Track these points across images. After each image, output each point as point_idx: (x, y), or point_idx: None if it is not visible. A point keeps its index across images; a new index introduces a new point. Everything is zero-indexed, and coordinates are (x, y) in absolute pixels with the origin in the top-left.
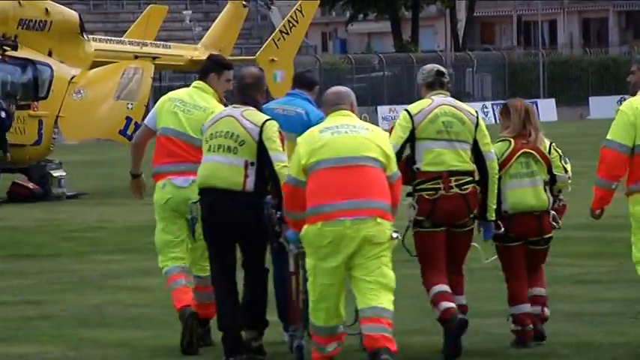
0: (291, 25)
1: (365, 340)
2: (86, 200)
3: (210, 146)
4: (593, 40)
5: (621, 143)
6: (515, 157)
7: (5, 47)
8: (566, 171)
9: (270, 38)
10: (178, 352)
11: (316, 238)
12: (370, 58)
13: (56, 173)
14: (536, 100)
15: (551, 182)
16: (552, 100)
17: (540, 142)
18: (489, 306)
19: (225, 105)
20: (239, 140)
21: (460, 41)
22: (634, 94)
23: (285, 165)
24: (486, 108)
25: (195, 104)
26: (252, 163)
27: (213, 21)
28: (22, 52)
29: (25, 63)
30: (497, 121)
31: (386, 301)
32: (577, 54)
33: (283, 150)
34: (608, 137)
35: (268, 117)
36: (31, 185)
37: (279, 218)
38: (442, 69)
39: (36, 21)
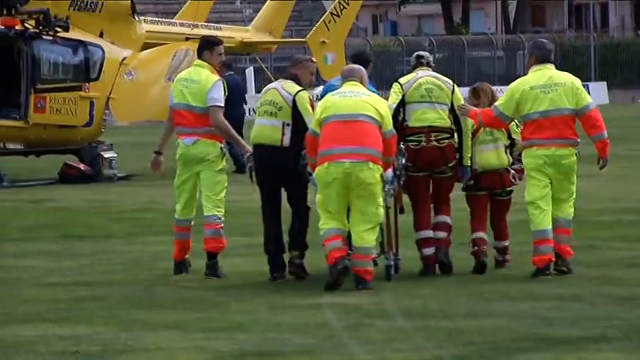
0: (342, 7)
1: (353, 268)
2: (137, 182)
3: (259, 112)
4: None
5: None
6: (482, 127)
7: (57, 28)
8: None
9: (321, 20)
10: (231, 333)
11: (324, 175)
12: (421, 40)
13: (107, 154)
14: (587, 83)
15: (512, 145)
16: (604, 84)
17: None
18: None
19: (219, 74)
20: (278, 106)
21: (511, 23)
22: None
23: None
24: None
25: (192, 79)
26: (288, 124)
27: (264, 3)
28: (73, 34)
29: (76, 44)
30: None
31: (372, 239)
32: (629, 37)
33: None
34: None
35: (300, 88)
36: (82, 166)
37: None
38: (421, 53)
39: (87, 2)
